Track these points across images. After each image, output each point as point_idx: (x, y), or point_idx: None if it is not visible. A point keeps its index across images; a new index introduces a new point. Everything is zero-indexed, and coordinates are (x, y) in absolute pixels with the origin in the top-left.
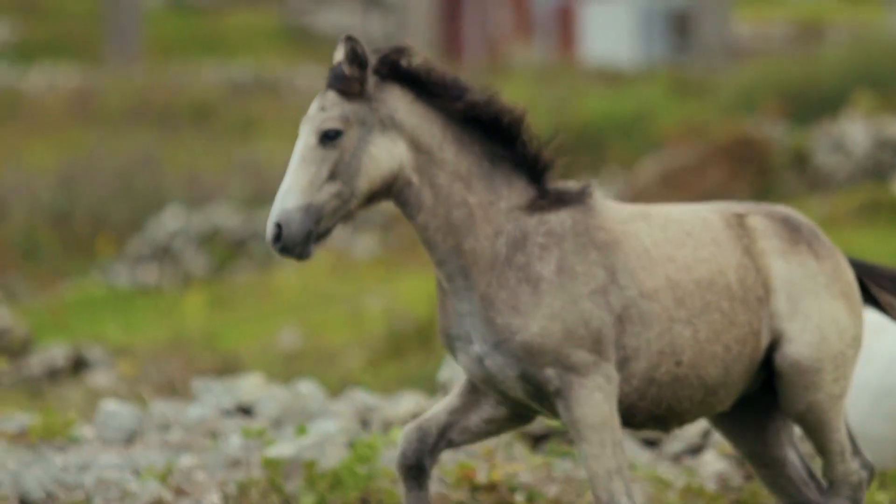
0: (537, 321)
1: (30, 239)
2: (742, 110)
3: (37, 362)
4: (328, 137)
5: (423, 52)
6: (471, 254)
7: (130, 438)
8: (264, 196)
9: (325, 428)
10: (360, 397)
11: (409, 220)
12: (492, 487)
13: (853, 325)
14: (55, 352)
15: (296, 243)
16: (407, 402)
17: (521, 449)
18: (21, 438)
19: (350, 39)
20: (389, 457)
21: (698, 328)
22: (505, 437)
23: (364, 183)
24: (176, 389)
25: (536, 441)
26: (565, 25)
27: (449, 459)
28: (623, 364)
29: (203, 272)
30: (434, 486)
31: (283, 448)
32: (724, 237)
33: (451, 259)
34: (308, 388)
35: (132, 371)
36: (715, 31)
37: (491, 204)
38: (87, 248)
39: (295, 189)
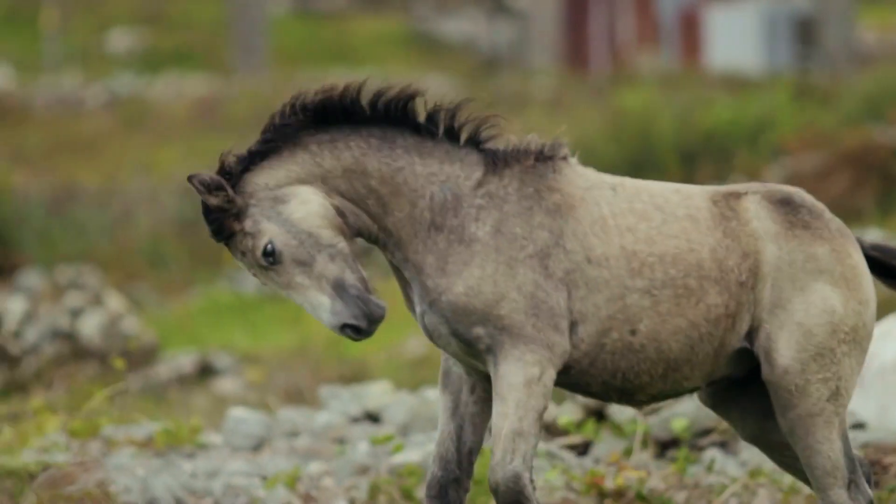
0: (464, 281)
1: (157, 248)
2: (866, 117)
3: (164, 370)
4: (271, 258)
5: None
6: (393, 229)
7: (258, 445)
8: None
9: None
10: None
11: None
12: (620, 494)
13: (853, 315)
14: (182, 359)
15: (373, 318)
16: None
17: (648, 455)
18: (149, 445)
19: (192, 177)
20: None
21: (659, 300)
22: (632, 444)
23: (326, 231)
24: (303, 397)
25: (664, 447)
26: (690, 32)
27: (576, 465)
28: (572, 328)
29: None
30: (562, 493)
31: (411, 454)
32: (703, 216)
33: (387, 243)
34: (435, 395)
35: (259, 378)
36: (839, 38)
37: (399, 171)
38: (214, 257)
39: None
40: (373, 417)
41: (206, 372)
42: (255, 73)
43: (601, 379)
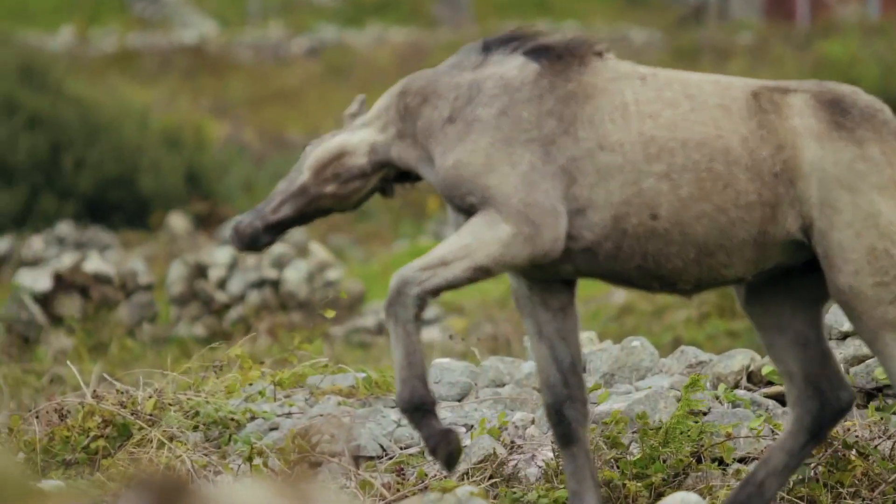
0: (455, 154)
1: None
2: None
3: (369, 317)
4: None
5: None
6: (420, 132)
7: (463, 394)
8: None
9: (658, 383)
10: (692, 353)
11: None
12: (827, 444)
13: None
14: None
15: (256, 239)
16: (741, 359)
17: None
18: (354, 394)
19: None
20: (720, 411)
21: (679, 184)
22: None
23: (312, 158)
24: (507, 346)
25: (868, 397)
26: None
27: (780, 414)
28: (578, 214)
29: None
30: (767, 442)
31: (616, 403)
32: (738, 106)
33: (417, 148)
34: (639, 344)
35: (463, 328)
36: None
37: (434, 82)
38: (418, 209)
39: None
40: None
41: None
42: (457, 25)
43: (634, 264)
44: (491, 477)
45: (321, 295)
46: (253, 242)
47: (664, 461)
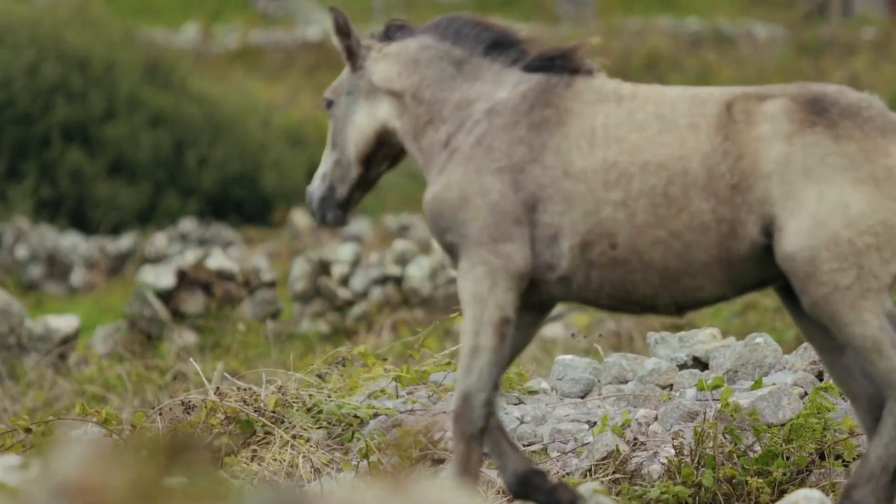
0: (434, 187)
1: None
2: None
3: None
4: (327, 107)
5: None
6: (424, 151)
7: (586, 391)
8: None
9: (781, 380)
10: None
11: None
12: None
13: (881, 212)
14: None
15: (315, 212)
16: None
17: None
18: None
19: (333, 10)
20: (844, 408)
21: (635, 211)
22: None
23: (352, 150)
24: (630, 342)
25: None
26: None
27: None
28: (551, 241)
29: None
30: None
31: (739, 400)
32: (706, 122)
33: (420, 162)
34: (762, 341)
35: (585, 324)
36: None
37: (441, 101)
38: None
39: (322, 160)
40: (700, 363)
41: None
42: (581, 21)
43: (605, 292)
44: (613, 473)
45: (444, 291)
46: (339, 225)
47: (787, 458)
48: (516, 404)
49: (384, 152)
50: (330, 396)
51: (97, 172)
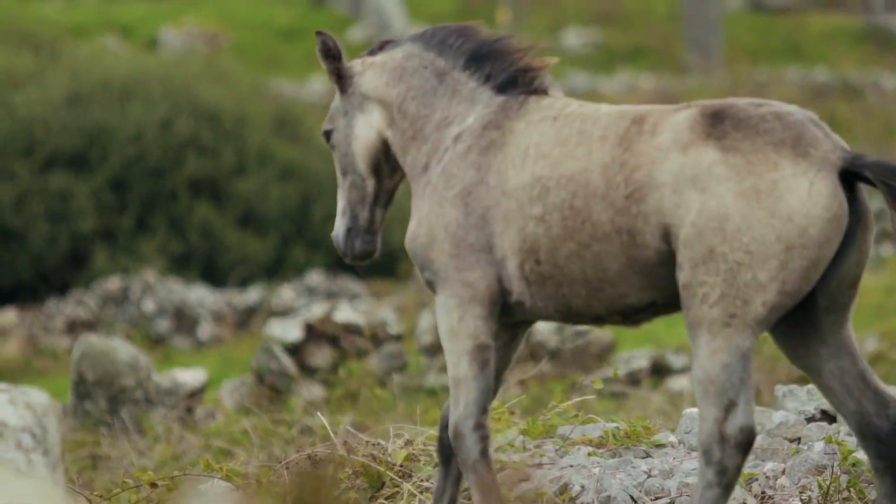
0: (410, 225)
1: None
2: None
3: (619, 367)
4: (327, 140)
5: None
6: (409, 168)
7: None
8: None
9: None
10: None
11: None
12: None
13: (758, 227)
14: (637, 357)
15: (344, 249)
16: None
17: None
18: (604, 444)
19: (320, 34)
20: None
21: (550, 225)
22: None
23: (361, 164)
24: (759, 395)
25: None
26: None
27: None
28: (503, 264)
29: None
30: None
31: (861, 452)
32: (614, 134)
33: (409, 178)
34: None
35: None
36: None
37: (424, 118)
38: None
39: (338, 199)
40: (829, 416)
41: (660, 370)
42: (708, 71)
43: (551, 307)
44: None
45: (571, 345)
46: (368, 257)
47: None
48: (644, 458)
49: (391, 163)
50: None
51: (226, 226)
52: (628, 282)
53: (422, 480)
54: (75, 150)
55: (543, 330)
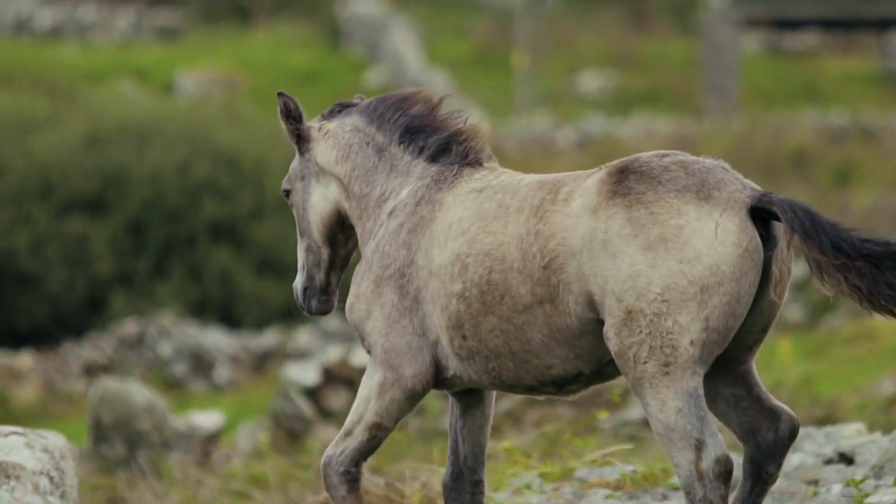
0: (349, 297)
1: None
2: None
3: (636, 409)
4: (287, 197)
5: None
6: (360, 241)
7: (732, 486)
8: None
9: None
10: None
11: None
12: None
13: (668, 275)
14: None
15: (302, 304)
16: None
17: None
18: (622, 487)
19: (281, 95)
20: None
21: (471, 302)
22: None
23: (316, 233)
24: None
25: None
26: None
27: None
28: (437, 343)
29: (799, 319)
30: None
31: (885, 496)
32: (530, 205)
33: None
34: None
35: None
36: None
37: (366, 196)
38: None
39: (298, 252)
40: (847, 459)
41: None
42: (725, 114)
43: (486, 380)
44: None
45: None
46: (324, 314)
47: None
48: (661, 501)
49: (347, 232)
50: None
51: (244, 271)
52: (552, 353)
53: None
54: (92, 193)
55: None
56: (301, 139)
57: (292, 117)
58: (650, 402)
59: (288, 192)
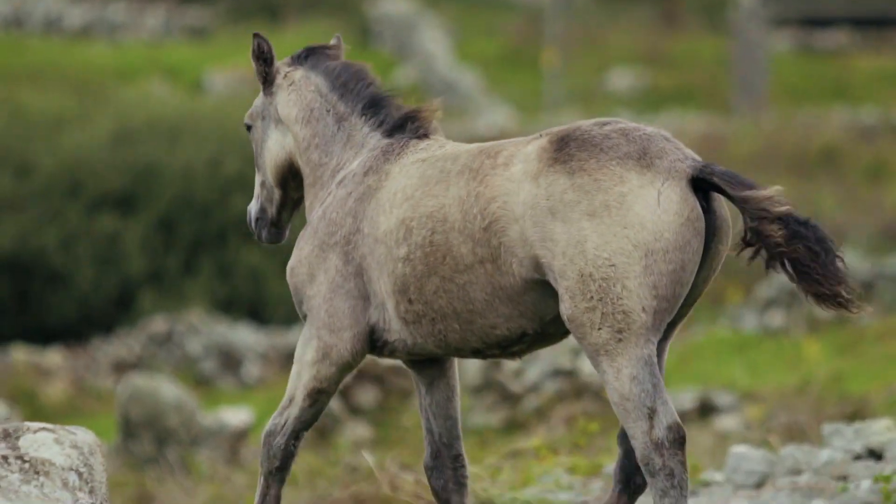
0: (291, 260)
1: None
2: None
3: None
4: (248, 131)
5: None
6: (307, 205)
7: (760, 482)
8: (892, 240)
9: None
10: None
11: None
12: None
13: (614, 241)
14: (683, 396)
15: (253, 229)
16: None
17: None
18: None
19: (256, 36)
20: None
21: (415, 264)
22: None
23: (270, 175)
24: (805, 434)
25: None
26: None
27: None
28: (383, 308)
29: (829, 316)
30: None
31: None
32: (470, 169)
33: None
34: None
35: (760, 416)
36: None
37: (321, 166)
38: (717, 295)
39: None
40: (876, 454)
41: (707, 409)
42: (755, 112)
43: (431, 344)
44: None
45: None
46: (275, 242)
47: None
48: (691, 497)
49: (299, 179)
50: (503, 490)
51: (273, 270)
52: (496, 311)
53: None
54: (123, 190)
55: (588, 369)
56: (267, 81)
57: (263, 59)
58: (606, 370)
59: (249, 127)
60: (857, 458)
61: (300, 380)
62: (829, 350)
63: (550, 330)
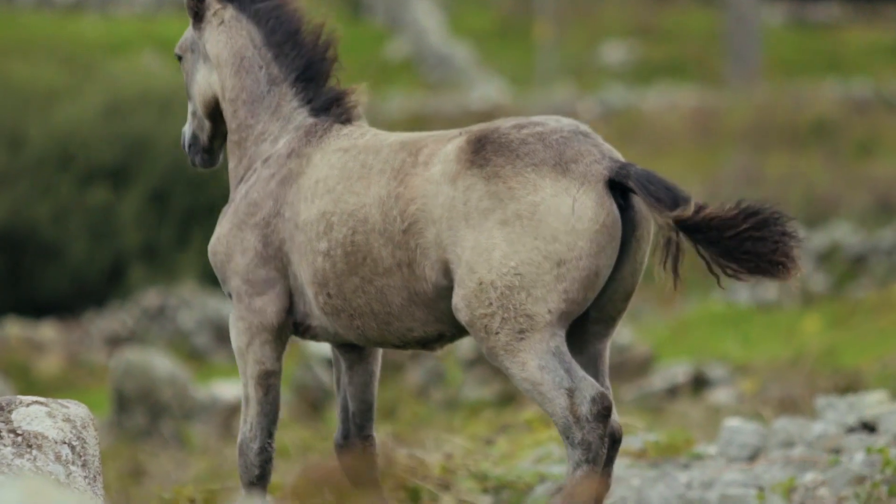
0: (212, 239)
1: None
2: None
3: (658, 380)
4: (179, 61)
5: None
6: (230, 172)
7: (753, 455)
8: (885, 213)
9: None
10: None
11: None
12: None
13: (524, 251)
14: (676, 370)
15: (186, 153)
16: None
17: None
18: (644, 456)
19: None
20: None
21: (335, 261)
22: None
23: (199, 106)
24: (798, 407)
25: None
26: None
27: None
28: (302, 292)
29: (823, 289)
30: None
31: None
32: (392, 167)
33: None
34: None
35: (753, 389)
36: None
37: (248, 127)
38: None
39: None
40: (869, 427)
41: (700, 382)
42: (748, 85)
43: (352, 334)
44: None
45: (616, 359)
46: (208, 167)
47: None
48: (683, 469)
49: (219, 114)
50: (496, 463)
51: None
52: (412, 316)
53: (460, 491)
54: (115, 162)
55: None
56: (198, 16)
57: None
58: (510, 366)
59: (180, 58)
60: (851, 430)
61: (245, 373)
62: (823, 323)
63: (468, 331)
